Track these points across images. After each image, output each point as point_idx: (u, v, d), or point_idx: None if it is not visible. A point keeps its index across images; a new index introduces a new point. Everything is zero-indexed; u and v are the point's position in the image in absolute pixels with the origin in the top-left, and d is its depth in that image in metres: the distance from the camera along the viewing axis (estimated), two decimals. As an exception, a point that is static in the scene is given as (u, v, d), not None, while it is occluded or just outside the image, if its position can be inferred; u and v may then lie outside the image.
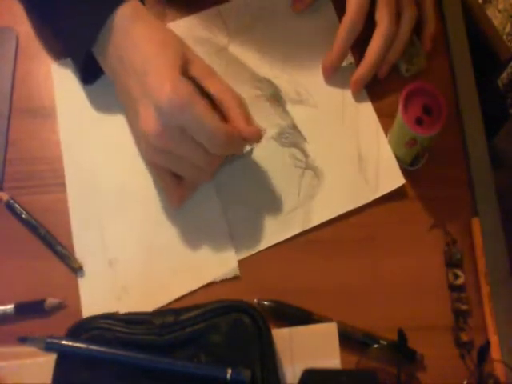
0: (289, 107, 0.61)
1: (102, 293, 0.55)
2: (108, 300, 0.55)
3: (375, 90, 0.63)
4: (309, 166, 0.59)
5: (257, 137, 0.53)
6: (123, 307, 0.54)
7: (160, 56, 0.51)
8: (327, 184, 0.59)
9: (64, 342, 0.49)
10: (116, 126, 0.60)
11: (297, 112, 0.61)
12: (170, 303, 0.55)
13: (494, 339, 0.54)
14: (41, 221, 0.58)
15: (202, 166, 0.52)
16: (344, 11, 0.60)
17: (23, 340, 0.49)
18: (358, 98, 0.62)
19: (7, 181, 0.60)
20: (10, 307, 0.54)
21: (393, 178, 0.59)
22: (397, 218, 0.59)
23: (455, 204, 0.59)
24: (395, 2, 0.59)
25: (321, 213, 0.58)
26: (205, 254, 0.56)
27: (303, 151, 0.60)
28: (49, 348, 0.49)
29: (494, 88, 0.71)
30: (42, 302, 0.54)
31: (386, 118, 0.61)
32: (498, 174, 0.61)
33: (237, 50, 0.62)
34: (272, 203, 0.58)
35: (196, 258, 0.56)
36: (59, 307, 0.55)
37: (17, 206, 0.58)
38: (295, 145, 0.60)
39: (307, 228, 0.57)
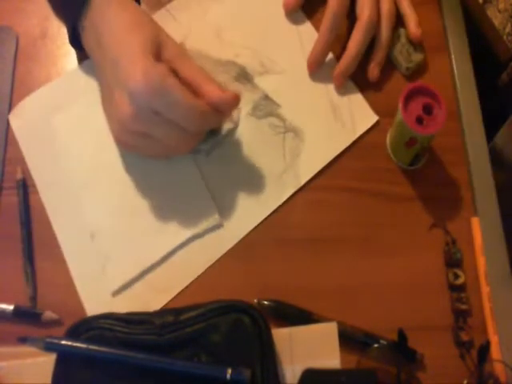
0: (257, 80, 0.63)
1: (88, 266, 0.56)
2: (95, 271, 0.56)
3: (375, 90, 0.63)
4: (288, 129, 0.61)
5: (234, 101, 0.53)
6: (109, 275, 0.56)
7: (132, 41, 0.51)
8: (308, 140, 0.61)
9: (64, 342, 0.49)
10: (84, 106, 0.61)
11: (265, 83, 0.63)
12: (156, 263, 0.56)
13: (494, 339, 0.54)
14: (39, 221, 0.58)
15: (179, 145, 0.54)
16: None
17: (23, 340, 0.49)
18: None
19: (7, 181, 0.60)
20: (9, 307, 0.54)
21: (366, 118, 0.62)
22: (397, 217, 0.59)
23: (455, 204, 0.59)
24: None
25: (309, 168, 0.60)
26: (185, 210, 0.58)
27: (280, 117, 0.62)
28: (48, 348, 0.49)
29: (494, 88, 0.71)
30: (39, 314, 0.54)
31: (386, 118, 0.61)
32: (498, 174, 0.61)
33: (194, 42, 0.63)
34: (261, 174, 0.60)
35: (177, 215, 0.58)
36: (56, 322, 0.54)
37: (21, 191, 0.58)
38: (271, 113, 0.62)
39: (300, 186, 0.59)
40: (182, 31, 0.64)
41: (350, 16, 0.62)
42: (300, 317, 0.54)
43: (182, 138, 0.53)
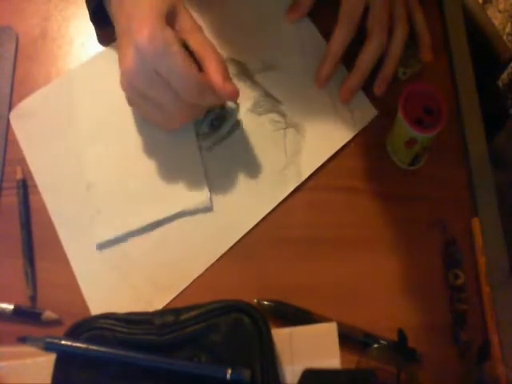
0: (257, 77, 0.63)
1: (77, 215, 0.58)
2: (82, 221, 0.58)
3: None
4: (289, 125, 0.62)
5: (231, 94, 0.54)
6: (97, 228, 0.57)
7: (148, 3, 0.52)
8: (309, 135, 0.61)
9: (64, 342, 0.49)
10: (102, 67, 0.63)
11: (265, 79, 0.63)
12: (141, 229, 0.57)
13: (494, 339, 0.54)
14: (39, 221, 0.58)
15: (172, 112, 0.54)
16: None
17: (23, 340, 0.49)
18: (315, 46, 0.64)
19: (7, 181, 0.60)
20: (9, 307, 0.55)
21: (366, 112, 0.62)
22: (397, 217, 0.59)
23: (455, 204, 0.59)
24: (388, 16, 0.59)
25: (310, 163, 0.60)
26: (178, 185, 0.59)
27: (280, 113, 0.62)
28: (48, 348, 0.49)
29: (494, 88, 0.71)
30: (39, 313, 0.54)
31: (385, 119, 0.61)
32: (498, 173, 0.61)
33: None
34: (262, 170, 0.60)
35: (169, 188, 0.59)
36: (56, 322, 0.55)
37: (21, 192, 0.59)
38: (271, 110, 0.62)
39: (301, 181, 0.59)
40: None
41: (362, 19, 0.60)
42: (300, 317, 0.54)
43: (177, 106, 0.53)
